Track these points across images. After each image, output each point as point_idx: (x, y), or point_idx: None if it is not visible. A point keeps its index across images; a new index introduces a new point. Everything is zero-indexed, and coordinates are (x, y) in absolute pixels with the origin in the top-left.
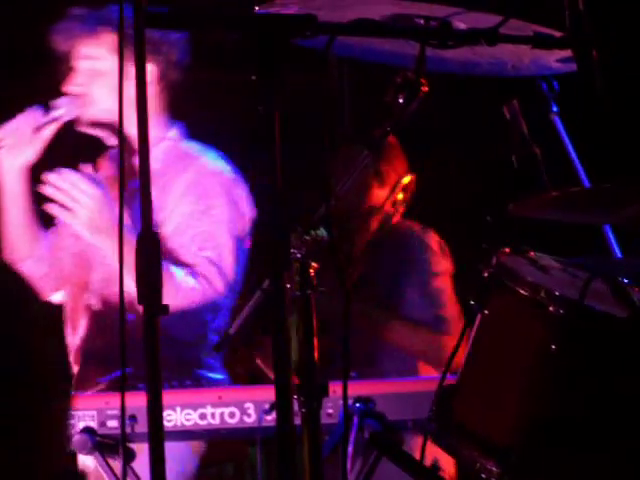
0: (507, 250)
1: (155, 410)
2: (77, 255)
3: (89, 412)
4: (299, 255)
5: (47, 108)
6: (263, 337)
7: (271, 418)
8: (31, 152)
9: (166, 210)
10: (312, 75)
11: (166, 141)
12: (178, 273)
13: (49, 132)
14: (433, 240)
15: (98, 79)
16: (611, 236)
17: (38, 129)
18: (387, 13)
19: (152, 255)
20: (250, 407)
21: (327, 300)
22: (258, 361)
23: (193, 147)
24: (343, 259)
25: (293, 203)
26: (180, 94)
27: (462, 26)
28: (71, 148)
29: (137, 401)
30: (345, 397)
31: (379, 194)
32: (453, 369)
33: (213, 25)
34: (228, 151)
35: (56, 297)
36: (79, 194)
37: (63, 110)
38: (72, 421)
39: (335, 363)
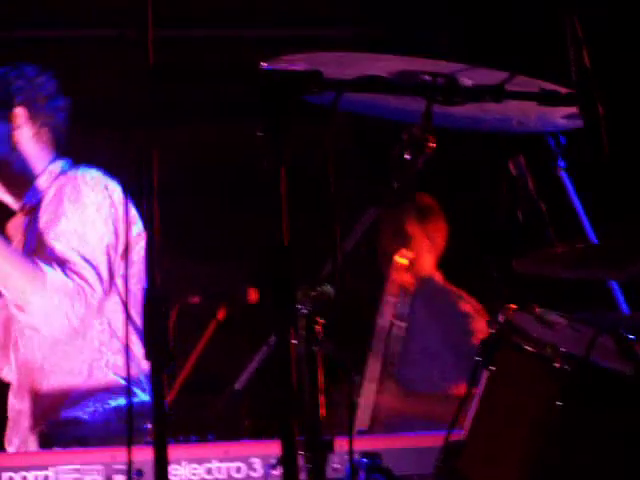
0: (513, 306)
1: (161, 465)
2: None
3: (95, 466)
4: (305, 311)
5: None
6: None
7: (277, 473)
8: None
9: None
10: (317, 129)
11: (48, 173)
12: (49, 270)
13: None
14: (468, 303)
15: None
16: (617, 291)
17: None
18: (393, 69)
19: (159, 313)
20: (256, 462)
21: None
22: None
23: (75, 169)
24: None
25: (299, 259)
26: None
27: (468, 82)
28: None
29: (144, 455)
30: (351, 452)
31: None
32: (459, 424)
33: (221, 80)
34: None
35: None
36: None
37: None
38: (79, 475)
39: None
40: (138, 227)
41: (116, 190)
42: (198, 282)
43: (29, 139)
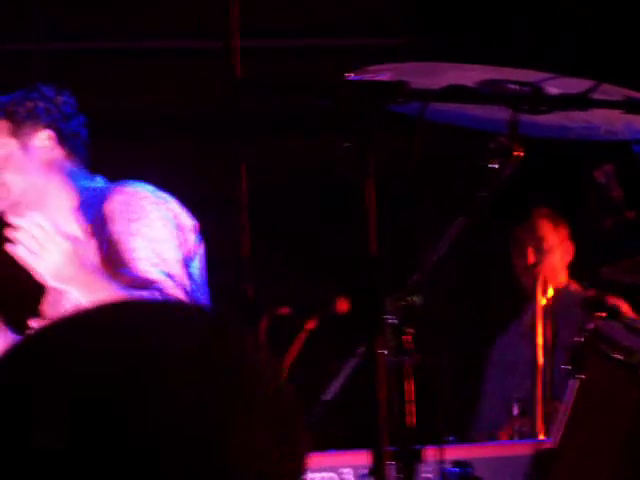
0: (602, 315)
1: None
2: None
3: None
4: (394, 321)
5: None
6: None
7: None
8: None
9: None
10: (402, 139)
11: (92, 191)
12: (143, 294)
13: None
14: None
15: (5, 167)
16: None
17: None
18: (479, 79)
19: (250, 324)
20: (348, 472)
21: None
22: None
23: (122, 186)
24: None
25: (388, 269)
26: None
27: (554, 91)
28: None
29: None
30: (442, 461)
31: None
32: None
33: (306, 92)
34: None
35: None
36: (48, 242)
37: None
38: None
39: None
40: (196, 238)
41: (172, 201)
42: (287, 293)
43: (63, 157)
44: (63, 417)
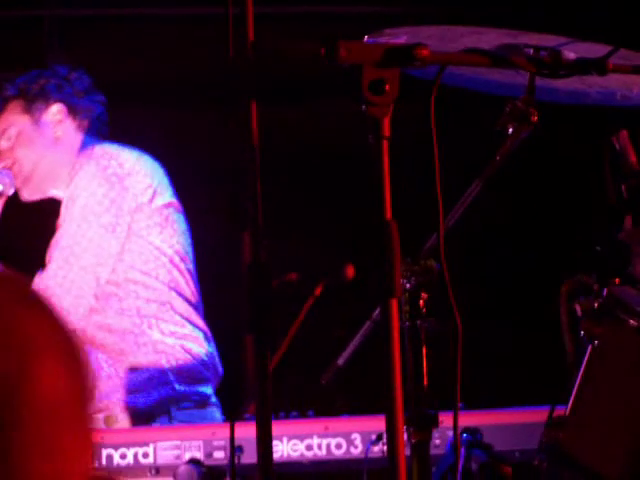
0: (617, 280)
1: (265, 441)
2: None
3: (195, 442)
4: (408, 285)
5: None
6: None
7: (378, 449)
8: None
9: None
10: (417, 105)
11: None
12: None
13: None
14: None
15: (18, 143)
16: None
17: None
18: (496, 43)
19: (263, 288)
20: (357, 438)
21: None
22: None
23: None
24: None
25: (402, 233)
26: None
27: (572, 56)
28: None
29: (242, 432)
30: (455, 427)
31: None
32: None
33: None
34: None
35: None
36: None
37: (1, 186)
38: (178, 452)
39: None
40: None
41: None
42: (295, 259)
43: (73, 131)
44: None
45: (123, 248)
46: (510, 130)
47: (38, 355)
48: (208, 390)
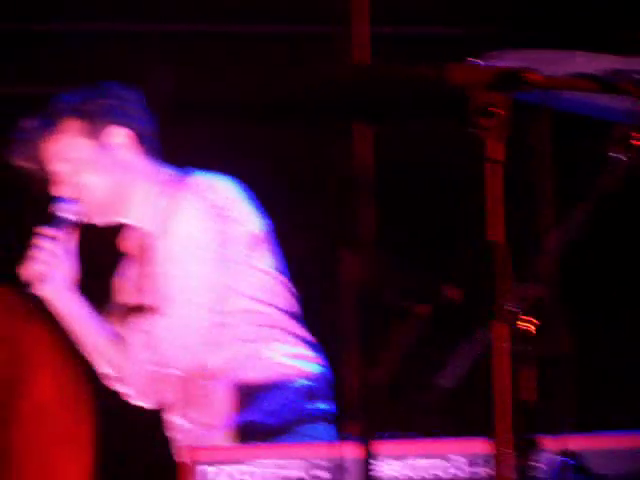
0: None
1: (367, 461)
2: None
3: (296, 462)
4: (512, 309)
5: (53, 221)
6: None
7: (481, 471)
8: (66, 268)
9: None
10: (523, 126)
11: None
12: None
13: (73, 244)
14: None
15: (84, 169)
16: None
17: (57, 246)
18: (603, 67)
19: (375, 310)
20: (460, 460)
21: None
22: None
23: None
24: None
25: (507, 256)
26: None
27: None
28: None
29: (345, 452)
30: (560, 452)
31: None
32: None
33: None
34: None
35: None
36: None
37: (67, 214)
38: (280, 470)
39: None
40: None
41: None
42: (400, 280)
43: (137, 154)
44: None
45: (235, 278)
46: (618, 156)
47: (35, 364)
48: (327, 406)
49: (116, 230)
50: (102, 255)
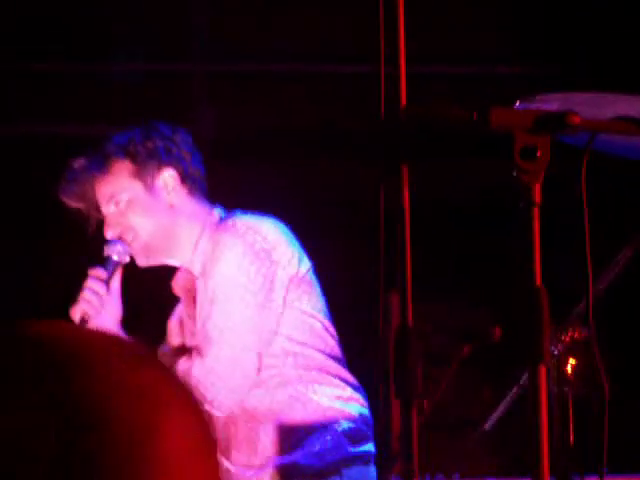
0: None
1: None
2: None
3: None
4: (556, 352)
5: (102, 264)
6: None
7: None
8: (111, 309)
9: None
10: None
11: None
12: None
13: (117, 284)
14: None
15: (131, 210)
16: None
17: (102, 287)
18: None
19: (410, 351)
20: None
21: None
22: None
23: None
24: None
25: (550, 299)
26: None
27: None
28: None
29: None
30: None
31: None
32: None
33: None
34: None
35: None
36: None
37: (117, 256)
38: None
39: None
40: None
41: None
42: (443, 320)
43: (185, 196)
44: None
45: (277, 320)
46: None
47: (165, 411)
48: (372, 448)
49: (171, 272)
50: (159, 297)
